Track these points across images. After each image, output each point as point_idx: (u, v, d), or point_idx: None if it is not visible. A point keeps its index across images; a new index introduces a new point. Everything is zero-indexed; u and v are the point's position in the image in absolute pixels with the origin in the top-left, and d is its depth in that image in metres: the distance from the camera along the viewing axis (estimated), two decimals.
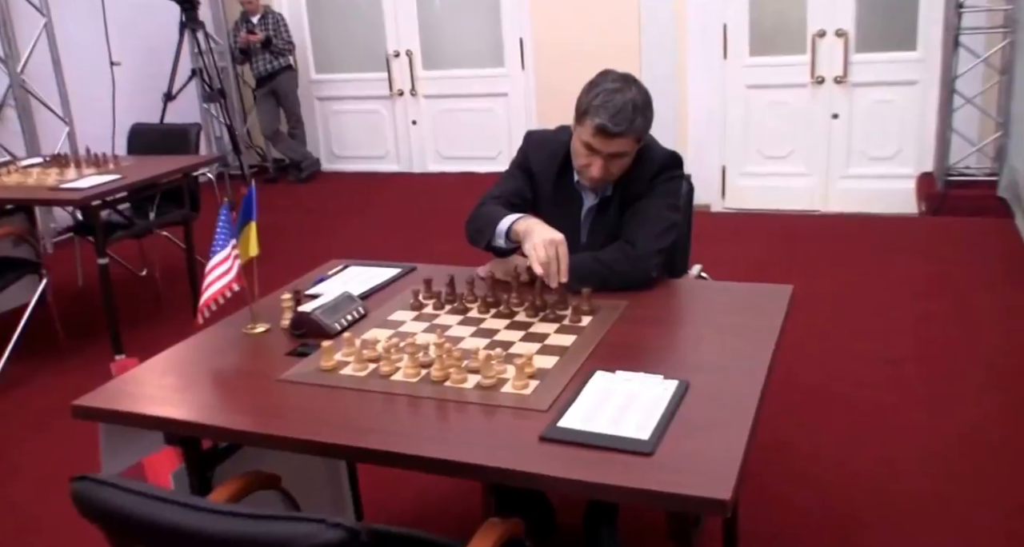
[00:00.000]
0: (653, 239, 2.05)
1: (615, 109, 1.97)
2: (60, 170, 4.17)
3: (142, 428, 1.67)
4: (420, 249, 5.09)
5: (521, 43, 6.49)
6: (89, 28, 6.03)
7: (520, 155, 2.32)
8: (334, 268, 2.36)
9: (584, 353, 1.67)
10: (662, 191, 2.11)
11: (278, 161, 7.35)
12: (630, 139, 2.02)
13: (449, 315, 1.92)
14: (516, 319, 1.86)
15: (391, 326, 1.89)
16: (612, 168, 2.07)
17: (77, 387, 3.46)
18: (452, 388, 1.58)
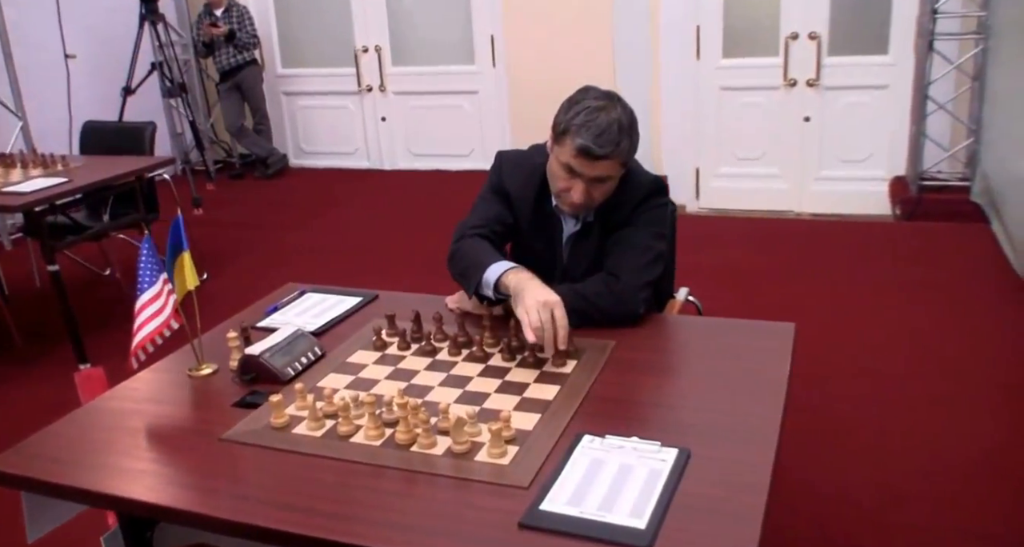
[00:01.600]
0: (639, 272, 1.89)
1: (599, 129, 1.80)
2: (4, 171, 3.96)
3: (61, 498, 1.47)
4: (389, 247, 4.93)
5: (492, 40, 6.31)
6: (42, 19, 5.75)
7: (494, 176, 2.14)
8: (289, 294, 2.17)
9: (569, 410, 1.50)
10: (648, 220, 1.96)
11: (244, 156, 7.11)
12: (615, 163, 1.86)
13: (416, 357, 1.75)
14: (491, 364, 1.70)
15: (350, 370, 1.72)
16: (594, 193, 1.90)
17: (39, 400, 3.26)
18: (419, 455, 1.41)
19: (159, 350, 1.72)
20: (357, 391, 1.61)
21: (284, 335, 1.76)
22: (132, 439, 1.56)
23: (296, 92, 7.12)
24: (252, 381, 1.69)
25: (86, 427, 1.61)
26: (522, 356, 1.71)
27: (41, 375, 3.65)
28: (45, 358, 3.78)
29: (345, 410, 1.48)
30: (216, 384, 1.73)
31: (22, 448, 1.55)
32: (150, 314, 1.63)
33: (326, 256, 4.85)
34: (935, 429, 2.86)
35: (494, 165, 2.15)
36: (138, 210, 4.03)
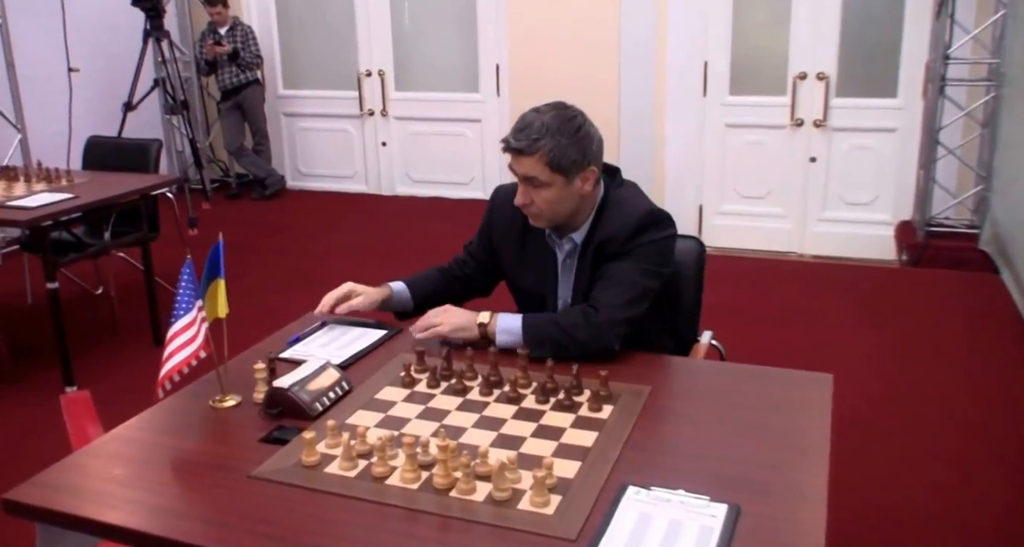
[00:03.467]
0: (619, 307, 1.87)
1: (520, 125, 1.88)
2: (8, 184, 3.89)
3: (80, 532, 1.42)
4: (387, 275, 4.86)
5: (497, 69, 6.32)
6: (47, 31, 5.71)
7: (485, 214, 2.21)
8: (310, 324, 2.12)
9: (610, 459, 1.46)
10: (641, 254, 1.93)
11: (241, 176, 7.06)
12: (535, 161, 1.86)
13: (446, 395, 1.71)
14: (524, 405, 1.66)
15: (380, 407, 1.67)
16: (536, 199, 1.91)
17: (21, 423, 3.18)
18: (458, 500, 1.36)
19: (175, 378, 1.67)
20: (389, 430, 1.57)
21: (311, 368, 1.71)
22: (156, 473, 1.50)
23: (296, 114, 7.10)
24: (279, 415, 1.64)
25: (106, 458, 1.56)
26: (556, 398, 1.67)
27: (25, 396, 3.57)
28: (31, 378, 3.71)
29: (381, 450, 1.43)
30: (240, 417, 1.68)
31: (39, 479, 1.50)
32: (181, 343, 1.58)
33: (322, 281, 4.76)
34: (941, 487, 2.80)
35: (488, 202, 2.20)
36: (140, 229, 3.97)
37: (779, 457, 1.49)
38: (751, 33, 5.40)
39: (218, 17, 6.48)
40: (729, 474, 1.44)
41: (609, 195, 2.00)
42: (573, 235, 2.01)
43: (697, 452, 1.51)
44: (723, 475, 1.44)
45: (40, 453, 3.11)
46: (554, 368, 1.69)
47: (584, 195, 1.94)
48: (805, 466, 1.46)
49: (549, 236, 2.05)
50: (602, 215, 1.98)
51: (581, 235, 2.01)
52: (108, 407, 3.47)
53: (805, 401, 1.69)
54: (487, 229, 2.19)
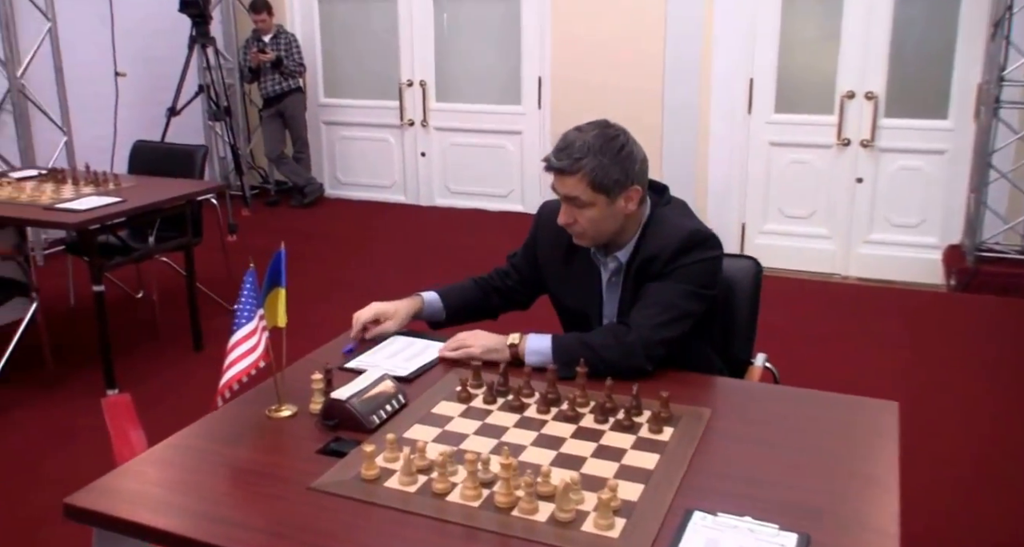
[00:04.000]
0: (653, 327, 1.84)
1: (562, 144, 1.87)
2: (56, 186, 3.93)
3: (139, 538, 1.41)
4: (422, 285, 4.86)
5: (539, 82, 6.32)
6: (95, 35, 5.79)
7: (531, 229, 2.19)
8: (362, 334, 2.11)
9: (673, 482, 1.43)
10: (683, 276, 1.89)
11: (280, 184, 7.11)
12: (577, 180, 1.84)
13: (502, 412, 1.68)
14: (582, 425, 1.63)
15: (436, 422, 1.65)
16: (579, 219, 1.89)
17: (59, 427, 3.20)
18: (520, 520, 1.34)
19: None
20: (447, 445, 1.55)
21: (369, 380, 1.70)
22: (213, 481, 1.49)
23: (337, 122, 7.14)
24: (335, 427, 1.63)
25: (164, 466, 1.55)
26: (615, 418, 1.64)
27: (67, 398, 3.59)
28: (72, 380, 3.73)
29: (442, 466, 1.41)
30: (296, 427, 1.67)
31: (98, 485, 1.50)
32: (243, 351, 1.58)
33: (359, 291, 4.78)
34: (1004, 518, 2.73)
35: (535, 216, 2.18)
36: (185, 234, 4.00)
37: (847, 486, 1.45)
38: (798, 50, 5.35)
39: (263, 25, 6.54)
40: (796, 502, 1.40)
41: (655, 213, 1.97)
42: (618, 254, 1.99)
43: (762, 478, 1.47)
44: (789, 503, 1.40)
45: (81, 455, 3.14)
46: (613, 387, 1.67)
47: (628, 214, 1.92)
48: (874, 497, 1.42)
49: (594, 254, 2.02)
50: (647, 233, 1.96)
51: (626, 254, 1.98)
52: (148, 410, 3.48)
53: (870, 429, 1.64)
54: (532, 244, 2.17)
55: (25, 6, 5.35)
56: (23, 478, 3.01)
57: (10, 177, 4.08)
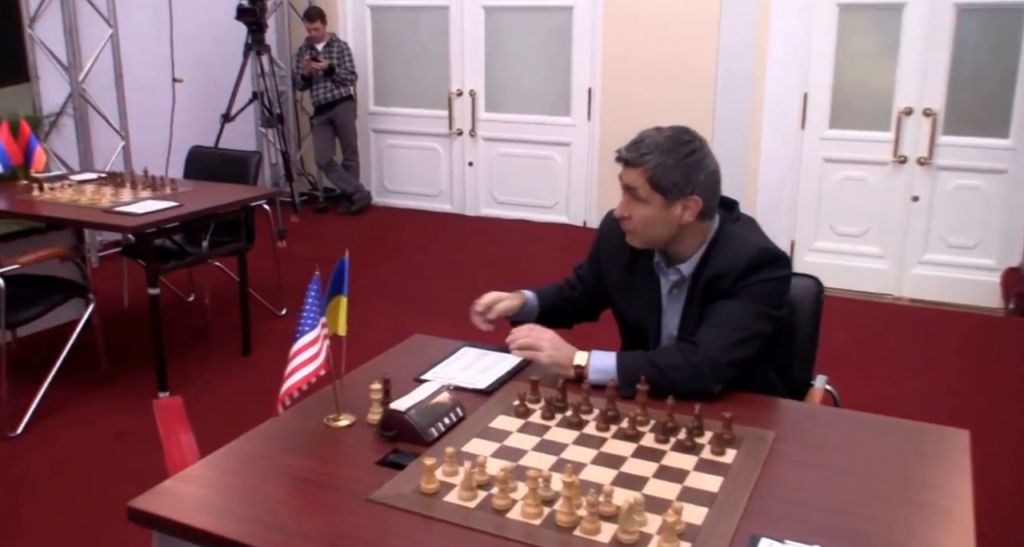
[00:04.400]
0: (724, 349, 1.81)
1: (636, 138, 1.91)
2: (115, 190, 3.99)
3: (198, 544, 1.41)
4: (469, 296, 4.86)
5: (590, 94, 6.31)
6: (154, 42, 5.90)
7: (594, 239, 2.19)
8: (412, 346, 2.11)
9: (738, 506, 1.40)
10: (753, 295, 1.86)
11: (329, 191, 7.17)
12: (639, 173, 1.86)
13: (561, 428, 1.67)
14: (643, 444, 1.60)
15: (494, 437, 1.64)
16: (634, 214, 1.89)
17: (111, 427, 3.25)
18: (581, 539, 1.32)
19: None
20: (506, 460, 1.53)
21: (428, 392, 1.69)
22: (273, 489, 1.49)
23: (386, 130, 7.20)
24: (394, 438, 1.62)
25: (224, 471, 1.56)
26: (676, 438, 1.61)
27: (120, 399, 3.63)
28: (125, 381, 3.78)
29: (503, 482, 1.40)
30: (354, 437, 1.66)
31: (160, 489, 1.51)
32: (304, 359, 1.58)
33: (404, 299, 4.80)
34: None
35: (599, 225, 2.17)
36: (239, 239, 4.04)
37: (918, 517, 1.41)
38: (854, 65, 5.27)
39: (316, 33, 6.62)
40: (866, 532, 1.36)
41: (724, 229, 1.95)
42: (681, 266, 1.96)
43: (829, 505, 1.44)
44: (860, 532, 1.36)
45: (132, 455, 3.18)
46: (675, 406, 1.64)
47: (684, 224, 1.89)
48: (948, 530, 1.37)
49: (657, 264, 2.01)
50: (714, 249, 1.93)
51: (690, 267, 1.96)
52: (197, 413, 3.51)
53: (940, 458, 1.60)
54: (596, 254, 2.16)
55: (88, 13, 5.48)
56: (75, 476, 3.06)
57: (71, 180, 4.16)
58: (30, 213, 3.70)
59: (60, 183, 4.05)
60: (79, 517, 2.79)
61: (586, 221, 6.46)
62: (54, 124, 5.34)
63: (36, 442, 3.29)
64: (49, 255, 3.55)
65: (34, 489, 2.98)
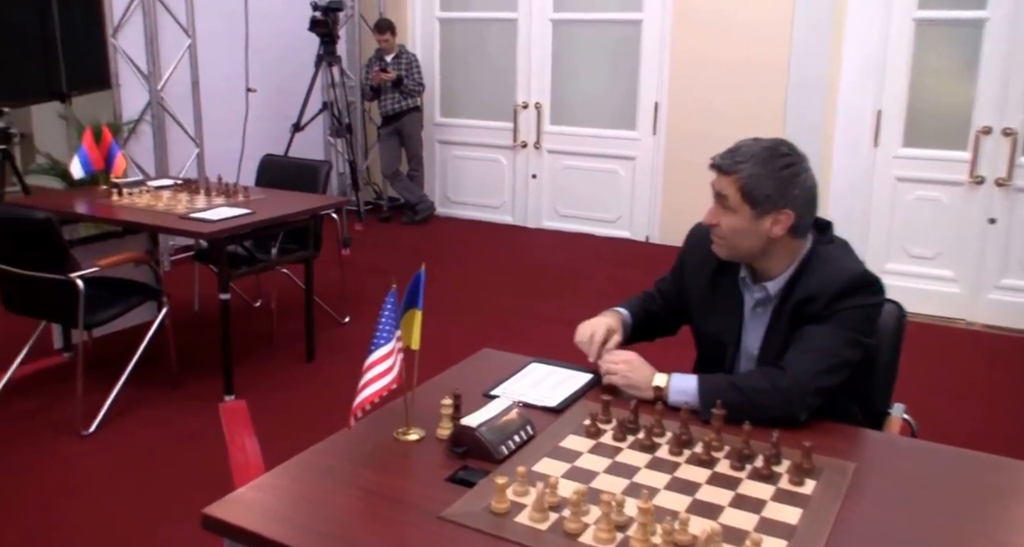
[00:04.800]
0: (813, 375, 1.76)
1: (732, 147, 1.87)
2: (190, 196, 4.09)
3: None
4: (531, 309, 4.86)
5: (656, 108, 6.27)
6: (230, 53, 6.04)
7: (680, 252, 2.15)
8: (480, 360, 2.10)
9: (818, 540, 1.36)
10: (844, 319, 1.81)
11: (393, 200, 7.25)
12: (730, 181, 1.83)
13: (633, 451, 1.64)
14: (717, 470, 1.57)
15: (565, 457, 1.62)
16: (722, 220, 1.86)
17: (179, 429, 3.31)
18: None
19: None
20: (577, 482, 1.52)
21: (498, 408, 1.68)
22: (343, 502, 1.50)
23: (451, 141, 7.25)
24: (464, 455, 1.62)
25: (296, 482, 1.56)
26: (752, 466, 1.58)
27: (187, 402, 3.71)
28: (193, 384, 3.85)
29: (576, 505, 1.38)
30: (423, 452, 1.66)
31: (233, 497, 1.52)
32: (377, 373, 1.58)
33: (468, 311, 4.82)
34: None
35: (685, 238, 2.14)
36: (306, 246, 4.10)
37: None
38: (931, 81, 5.14)
39: (386, 45, 6.71)
40: None
41: (816, 250, 1.90)
42: (768, 284, 1.92)
43: (915, 542, 1.39)
44: None
45: (198, 457, 3.24)
46: (751, 433, 1.60)
47: (773, 239, 1.85)
48: None
49: (742, 280, 1.97)
50: (806, 270, 1.88)
51: (777, 286, 1.91)
52: (260, 417, 3.59)
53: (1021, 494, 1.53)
54: (679, 267, 2.13)
55: (168, 23, 5.63)
56: (142, 476, 3.12)
57: (148, 185, 4.27)
58: (109, 217, 3.81)
59: (138, 189, 4.16)
60: (145, 516, 2.85)
61: (648, 236, 6.42)
62: (133, 131, 5.50)
63: (107, 441, 3.37)
64: (127, 259, 3.64)
65: (103, 487, 3.05)
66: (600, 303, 2.25)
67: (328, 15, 6.28)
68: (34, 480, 3.09)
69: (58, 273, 3.30)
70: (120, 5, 5.35)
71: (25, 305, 3.56)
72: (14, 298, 3.56)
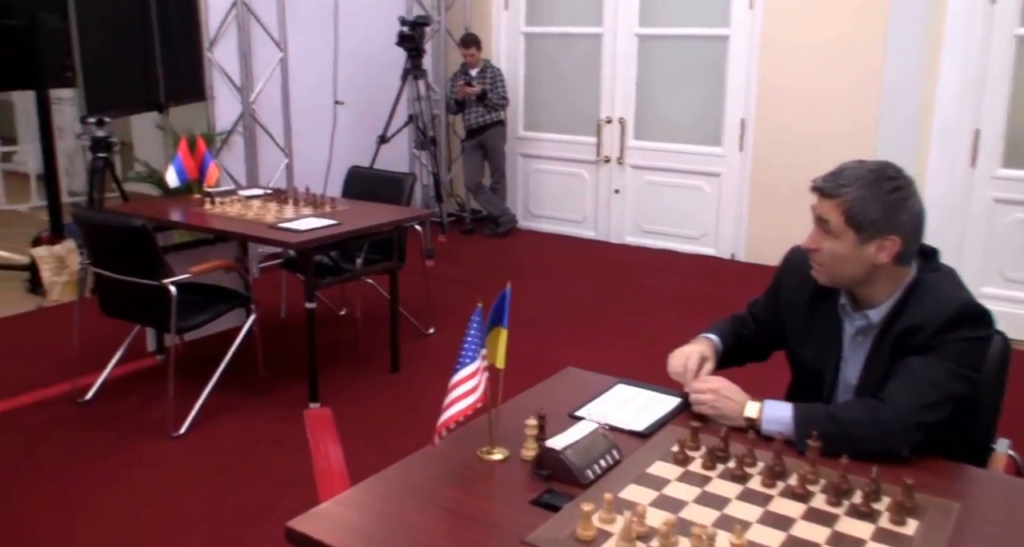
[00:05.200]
0: (915, 409, 1.68)
1: (835, 169, 1.79)
2: (279, 206, 4.18)
3: None
4: (613, 325, 4.81)
5: (743, 124, 6.16)
6: (319, 66, 6.17)
7: (776, 274, 2.08)
8: (567, 378, 2.08)
9: None
10: (950, 352, 1.72)
11: (476, 212, 7.28)
12: (833, 205, 1.75)
13: (723, 481, 1.59)
14: (813, 505, 1.51)
15: (652, 484, 1.58)
16: (823, 247, 1.79)
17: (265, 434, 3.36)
18: None
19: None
20: (666, 511, 1.48)
21: (584, 431, 1.65)
22: (427, 522, 1.49)
23: (533, 155, 7.26)
24: (548, 478, 1.59)
25: (379, 498, 1.57)
26: (850, 501, 1.51)
27: (273, 408, 3.77)
28: (278, 390, 3.92)
29: (665, 536, 1.34)
30: (507, 473, 1.64)
31: (317, 511, 1.53)
32: (463, 392, 1.58)
33: (550, 326, 4.79)
34: None
35: (782, 259, 2.07)
36: (390, 257, 4.14)
37: None
38: None
39: (471, 59, 6.76)
40: None
41: (922, 279, 1.82)
42: (870, 312, 1.85)
43: None
44: None
45: (281, 463, 3.29)
46: (849, 466, 1.54)
47: (878, 265, 1.78)
48: None
49: (842, 306, 1.90)
50: (910, 299, 1.81)
51: (880, 314, 1.84)
52: (344, 426, 3.63)
53: None
54: (775, 290, 2.07)
55: (261, 37, 5.79)
56: (228, 479, 3.18)
57: (239, 195, 4.38)
58: (202, 226, 3.92)
59: (229, 198, 4.27)
60: (229, 520, 2.90)
61: (734, 254, 6.30)
62: (225, 141, 5.66)
63: (196, 444, 3.45)
64: (217, 266, 3.73)
65: (191, 488, 3.12)
66: (685, 321, 2.21)
67: (415, 30, 6.37)
68: (126, 477, 3.18)
69: (152, 279, 3.40)
70: (216, 20, 5.52)
71: (121, 309, 3.69)
72: (111, 302, 3.68)
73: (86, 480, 3.17)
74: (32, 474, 3.21)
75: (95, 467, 3.26)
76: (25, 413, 3.72)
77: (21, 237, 5.80)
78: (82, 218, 3.74)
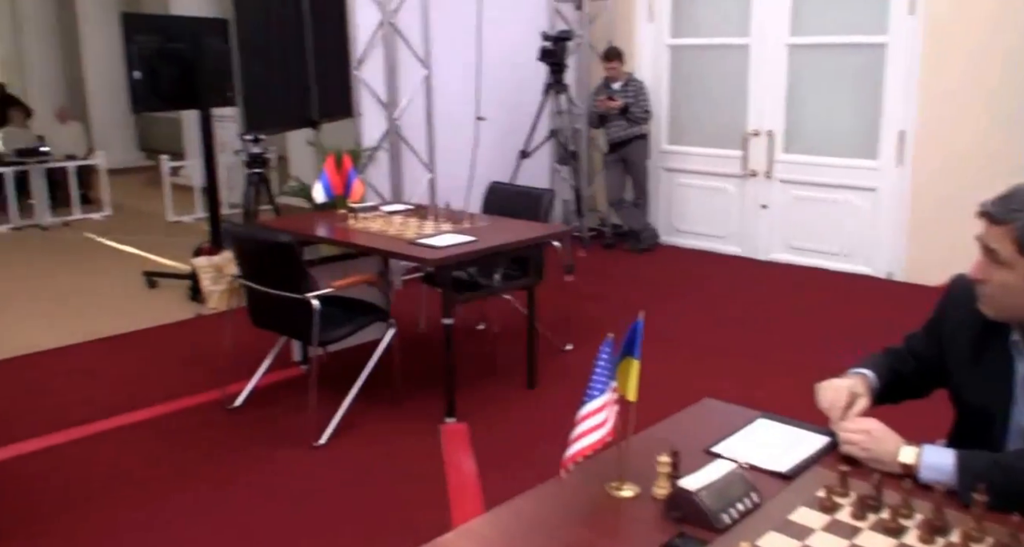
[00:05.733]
0: None
1: (1006, 192, 1.62)
2: (419, 222, 4.24)
3: None
4: (758, 349, 4.60)
5: (902, 137, 5.81)
6: (462, 83, 6.25)
7: (937, 305, 1.89)
8: (703, 410, 1.97)
9: None
10: None
11: (617, 227, 7.19)
12: (1002, 232, 1.58)
13: (875, 533, 1.45)
14: None
15: (795, 533, 1.46)
16: (992, 278, 1.62)
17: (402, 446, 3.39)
18: None
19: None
20: None
21: (721, 470, 1.55)
22: None
23: (677, 169, 7.11)
24: (680, 520, 1.50)
25: (505, 533, 1.52)
26: None
27: (408, 421, 3.81)
28: (415, 404, 3.96)
29: None
30: (637, 511, 1.56)
31: (443, 542, 1.49)
32: (591, 425, 1.51)
33: (689, 350, 4.62)
34: None
35: (946, 288, 1.88)
36: (528, 273, 4.12)
37: None
38: None
39: (613, 72, 6.70)
40: None
41: None
42: None
43: None
44: None
45: (418, 478, 3.30)
46: (1022, 525, 1.37)
47: None
48: None
49: (1014, 344, 1.71)
50: None
51: None
52: (479, 442, 3.63)
53: None
54: (938, 322, 1.89)
55: (406, 56, 5.92)
56: (365, 491, 3.23)
57: (382, 210, 4.48)
58: (345, 241, 4.02)
59: (371, 213, 4.37)
60: (364, 532, 2.94)
61: (891, 273, 5.94)
62: (371, 157, 5.81)
63: (335, 455, 3.53)
64: (359, 281, 3.81)
65: (330, 497, 3.19)
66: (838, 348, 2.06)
67: (558, 45, 6.37)
68: (267, 485, 3.29)
69: (296, 292, 3.51)
70: (363, 39, 5.69)
71: (268, 320, 3.83)
72: (259, 313, 3.83)
73: (231, 484, 3.30)
74: (182, 476, 3.37)
75: (240, 472, 3.39)
76: (179, 417, 3.92)
77: (186, 247, 6.16)
78: (232, 233, 3.91)
